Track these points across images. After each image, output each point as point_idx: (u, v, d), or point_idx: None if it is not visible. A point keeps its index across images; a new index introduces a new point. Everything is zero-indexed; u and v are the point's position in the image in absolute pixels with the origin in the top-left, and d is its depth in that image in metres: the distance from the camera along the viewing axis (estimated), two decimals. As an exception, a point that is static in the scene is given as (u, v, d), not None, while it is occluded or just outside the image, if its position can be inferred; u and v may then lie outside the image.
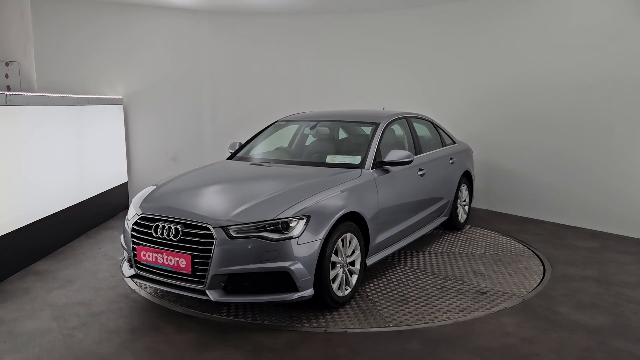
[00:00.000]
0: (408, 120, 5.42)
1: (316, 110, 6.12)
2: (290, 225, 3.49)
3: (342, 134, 5.47)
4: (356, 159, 4.55)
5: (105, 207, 6.75)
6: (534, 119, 6.75)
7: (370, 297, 4.15)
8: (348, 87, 8.36)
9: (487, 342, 3.40)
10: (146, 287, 4.32)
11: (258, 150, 5.36)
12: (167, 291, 4.10)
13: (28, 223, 4.84)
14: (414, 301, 4.07)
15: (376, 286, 4.39)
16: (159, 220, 3.69)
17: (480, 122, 7.30)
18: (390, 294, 4.23)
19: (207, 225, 3.48)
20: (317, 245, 3.55)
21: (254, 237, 3.42)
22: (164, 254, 3.57)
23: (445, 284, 4.45)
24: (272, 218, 3.49)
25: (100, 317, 3.78)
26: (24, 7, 5.58)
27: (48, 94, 5.30)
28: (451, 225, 6.08)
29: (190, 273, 3.49)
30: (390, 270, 4.79)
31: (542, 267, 4.85)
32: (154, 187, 4.35)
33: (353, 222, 3.97)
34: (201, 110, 8.29)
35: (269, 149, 5.46)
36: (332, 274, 3.74)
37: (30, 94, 4.96)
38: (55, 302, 4.05)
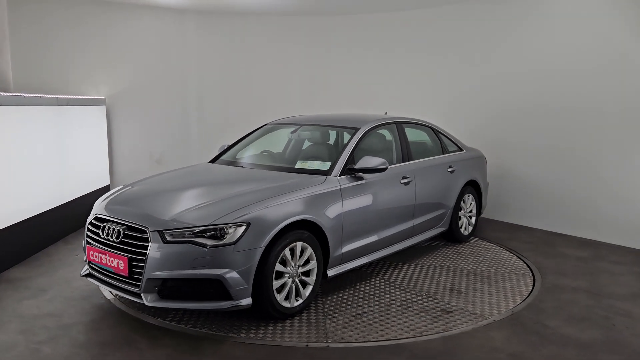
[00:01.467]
0: (398, 125, 5.21)
1: (309, 114, 5.95)
2: (227, 231, 3.39)
3: (334, 139, 5.32)
4: (325, 165, 4.38)
5: (85, 211, 6.52)
6: (525, 123, 6.65)
7: (326, 310, 3.98)
8: (344, 91, 8.21)
9: (475, 358, 3.27)
10: (122, 299, 4.14)
11: (242, 153, 5.22)
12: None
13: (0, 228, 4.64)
14: (369, 317, 3.85)
15: (338, 298, 4.20)
16: (108, 221, 3.72)
17: (471, 126, 7.17)
18: (348, 307, 4.03)
19: (145, 228, 3.45)
20: (256, 253, 3.43)
21: (188, 242, 3.35)
22: (107, 255, 3.60)
23: (413, 300, 4.19)
24: (207, 223, 3.40)
25: (70, 330, 3.60)
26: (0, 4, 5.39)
27: (24, 94, 5.10)
28: (452, 237, 5.76)
29: (127, 275, 3.48)
30: (362, 282, 4.57)
31: (531, 287, 4.55)
32: (122, 187, 4.37)
33: (309, 230, 3.83)
34: (187, 111, 8.12)
35: (254, 152, 5.30)
36: (278, 284, 3.61)
37: (4, 93, 4.77)
38: (25, 313, 3.86)
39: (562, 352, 3.37)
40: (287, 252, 3.65)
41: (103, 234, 3.67)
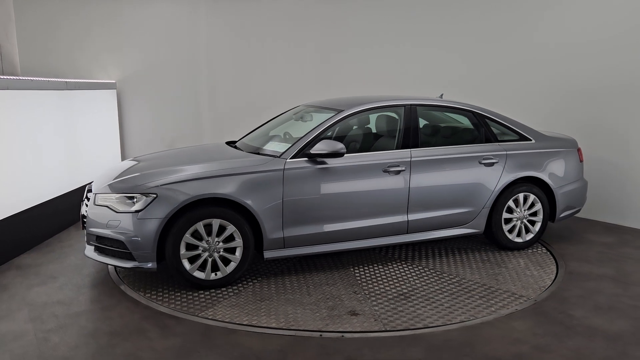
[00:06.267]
0: (409, 108, 4.69)
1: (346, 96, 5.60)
2: (137, 200, 3.82)
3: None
4: (283, 147, 4.33)
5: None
6: (557, 100, 6.40)
7: (241, 289, 4.02)
8: (374, 73, 7.83)
9: (497, 351, 3.12)
10: (131, 286, 4.07)
11: (259, 134, 5.06)
12: (153, 292, 3.91)
13: (10, 215, 4.58)
14: (268, 302, 3.79)
15: (272, 281, 4.18)
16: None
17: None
18: (266, 290, 4.00)
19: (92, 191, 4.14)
20: (158, 222, 3.76)
21: (105, 206, 3.91)
22: (82, 209, 4.32)
23: (340, 296, 3.87)
24: (122, 192, 3.91)
25: (79, 318, 3.52)
26: (5, -14, 5.27)
27: (31, 78, 5.01)
28: (496, 242, 4.92)
29: (82, 228, 4.17)
30: (320, 271, 4.37)
31: (554, 275, 4.39)
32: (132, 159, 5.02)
33: (237, 209, 3.95)
34: (199, 95, 7.98)
35: (271, 134, 5.04)
36: (189, 254, 3.86)
37: (11, 77, 4.68)
38: (35, 300, 3.80)
39: (589, 344, 3.21)
40: (200, 226, 3.86)
41: (84, 194, 4.40)
